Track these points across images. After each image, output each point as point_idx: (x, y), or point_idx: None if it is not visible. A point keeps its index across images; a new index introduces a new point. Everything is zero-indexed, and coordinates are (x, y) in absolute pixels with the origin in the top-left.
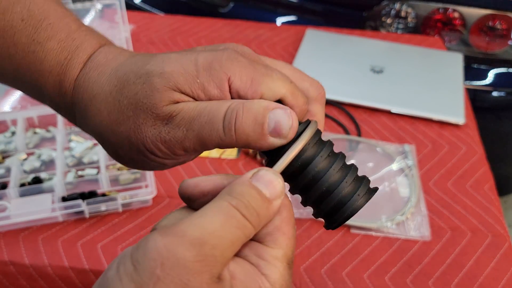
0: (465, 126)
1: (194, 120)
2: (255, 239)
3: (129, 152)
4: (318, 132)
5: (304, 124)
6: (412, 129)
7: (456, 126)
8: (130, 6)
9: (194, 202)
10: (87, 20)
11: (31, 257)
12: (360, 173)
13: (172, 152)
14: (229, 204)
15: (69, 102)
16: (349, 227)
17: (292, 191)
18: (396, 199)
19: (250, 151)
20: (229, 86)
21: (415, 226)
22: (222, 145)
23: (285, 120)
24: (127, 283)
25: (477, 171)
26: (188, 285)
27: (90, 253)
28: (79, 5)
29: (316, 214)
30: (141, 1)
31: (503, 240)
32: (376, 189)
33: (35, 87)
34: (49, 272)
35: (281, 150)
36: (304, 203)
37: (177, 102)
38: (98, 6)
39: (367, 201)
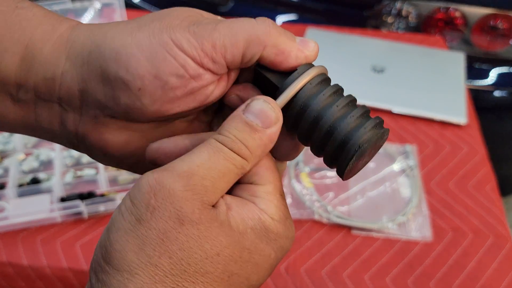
0: (467, 126)
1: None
2: (244, 181)
3: (151, 55)
4: (322, 75)
5: (307, 66)
6: (413, 129)
7: (457, 126)
8: (129, 5)
9: (159, 165)
10: (86, 19)
11: (30, 258)
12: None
13: (201, 46)
14: (215, 140)
15: (63, 42)
16: (350, 228)
17: (300, 138)
18: (397, 199)
19: None
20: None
21: (417, 227)
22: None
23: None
24: (128, 216)
25: (479, 171)
26: (181, 212)
27: (89, 254)
28: (78, 4)
29: (326, 161)
30: (140, 0)
31: (504, 241)
32: (386, 130)
33: (19, 41)
34: (48, 273)
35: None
36: (314, 150)
37: None
38: (97, 5)
39: (376, 134)
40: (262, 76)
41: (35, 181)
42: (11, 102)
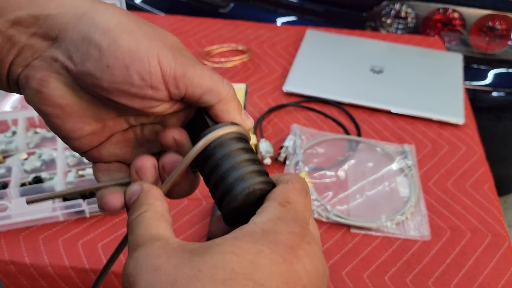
0: (465, 126)
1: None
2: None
3: (129, 45)
4: (240, 133)
5: (231, 124)
6: (412, 129)
7: (455, 126)
8: (130, 6)
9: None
10: None
11: (32, 257)
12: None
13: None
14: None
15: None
16: (349, 227)
17: (204, 179)
18: (396, 199)
19: None
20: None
21: (415, 226)
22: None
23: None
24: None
25: (476, 171)
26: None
27: (91, 252)
28: None
29: (216, 204)
30: (142, 1)
31: (502, 240)
32: (271, 186)
33: None
34: (50, 272)
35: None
36: (210, 193)
37: None
38: None
39: (261, 190)
40: (202, 118)
41: (37, 180)
42: None
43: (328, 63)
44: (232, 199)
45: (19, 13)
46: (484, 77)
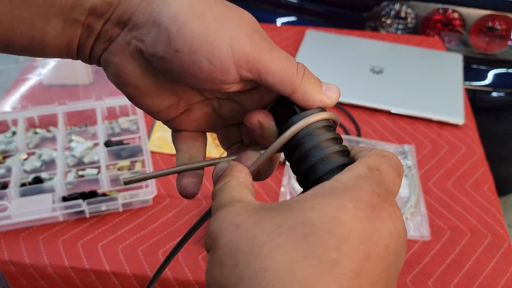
0: (465, 126)
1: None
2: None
3: (200, 32)
4: (327, 121)
5: (319, 110)
6: (411, 129)
7: (455, 126)
8: None
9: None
10: None
11: (32, 257)
12: None
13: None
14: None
15: None
16: None
17: (291, 167)
18: (396, 199)
19: None
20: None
21: (415, 226)
22: None
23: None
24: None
25: (476, 171)
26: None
27: (91, 253)
28: None
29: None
30: None
31: (502, 240)
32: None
33: None
34: (50, 272)
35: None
36: (298, 181)
37: None
38: None
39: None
40: (288, 103)
41: (37, 180)
42: (62, 24)
43: (328, 63)
44: (313, 177)
45: (94, 1)
46: (484, 77)
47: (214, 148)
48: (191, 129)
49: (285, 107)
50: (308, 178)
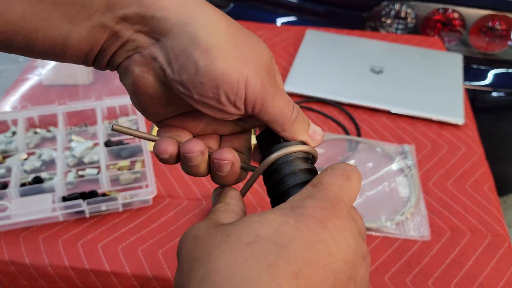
0: (465, 126)
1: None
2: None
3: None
4: (305, 153)
5: (297, 143)
6: (411, 129)
7: (455, 126)
8: None
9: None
10: None
11: (32, 257)
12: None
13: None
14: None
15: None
16: None
17: (267, 191)
18: (396, 199)
19: None
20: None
21: (415, 226)
22: None
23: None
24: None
25: (476, 171)
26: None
27: (91, 252)
28: None
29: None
30: None
31: (502, 240)
32: None
33: None
34: (50, 272)
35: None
36: (271, 203)
37: None
38: None
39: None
40: (273, 134)
41: (37, 180)
42: (88, 29)
43: (328, 63)
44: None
45: (127, 11)
46: (484, 77)
47: None
48: (178, 127)
49: (272, 137)
50: (279, 202)
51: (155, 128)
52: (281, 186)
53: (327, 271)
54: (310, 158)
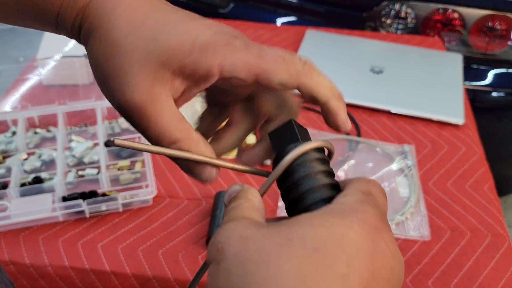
0: (465, 126)
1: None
2: None
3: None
4: (323, 150)
5: (293, 146)
6: (411, 129)
7: (455, 126)
8: None
9: None
10: None
11: (32, 257)
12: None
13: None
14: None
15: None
16: None
17: (281, 194)
18: (396, 199)
19: None
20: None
21: (415, 226)
22: None
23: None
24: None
25: (476, 171)
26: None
27: (91, 252)
28: None
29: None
30: None
31: (502, 240)
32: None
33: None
34: (50, 272)
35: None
36: (286, 209)
37: None
38: None
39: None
40: (292, 129)
41: (37, 180)
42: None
43: (328, 63)
44: (302, 205)
45: None
46: (484, 77)
47: None
48: None
49: (288, 132)
50: (296, 206)
51: None
52: (299, 189)
53: (388, 286)
54: (326, 158)
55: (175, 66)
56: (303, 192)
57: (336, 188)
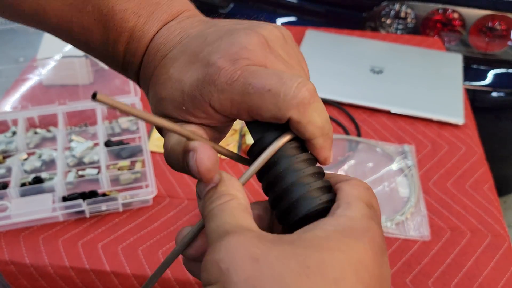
0: (465, 126)
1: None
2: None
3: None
4: (289, 143)
5: (276, 134)
6: (411, 129)
7: (455, 126)
8: None
9: None
10: None
11: (32, 257)
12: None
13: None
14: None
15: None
16: None
17: (263, 188)
18: (396, 199)
19: None
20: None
21: (415, 226)
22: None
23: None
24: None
25: (476, 171)
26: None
27: (91, 252)
28: None
29: (276, 215)
30: None
31: (502, 240)
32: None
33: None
34: (50, 272)
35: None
36: (270, 203)
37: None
38: None
39: (326, 208)
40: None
41: (37, 180)
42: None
43: (328, 63)
44: (296, 214)
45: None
46: (483, 77)
47: None
48: None
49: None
50: (284, 200)
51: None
52: (287, 186)
53: None
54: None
55: (178, 116)
56: (295, 199)
57: (328, 184)
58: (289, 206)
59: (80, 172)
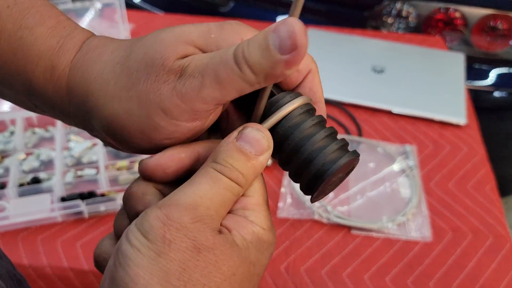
0: (467, 126)
1: (207, 66)
2: None
3: (141, 123)
4: (308, 104)
5: (296, 94)
6: (413, 129)
7: (457, 126)
8: (129, 5)
9: (155, 180)
10: (87, 19)
11: (30, 258)
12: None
13: (192, 108)
14: (214, 170)
15: (63, 89)
16: (350, 228)
17: (279, 163)
18: (397, 199)
19: None
20: None
21: (416, 227)
22: (243, 87)
23: (285, 34)
24: (146, 251)
25: (478, 171)
26: (195, 241)
27: (90, 253)
28: (78, 4)
29: (301, 186)
30: (141, 0)
31: (504, 241)
32: (356, 159)
33: (22, 80)
34: (48, 273)
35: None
36: (291, 175)
37: (187, 56)
38: (98, 5)
39: (347, 166)
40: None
41: (35, 180)
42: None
43: (329, 62)
44: (322, 179)
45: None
46: (486, 77)
47: None
48: None
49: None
50: (307, 169)
51: None
52: (308, 154)
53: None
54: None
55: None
56: (317, 169)
57: (345, 143)
58: (314, 175)
59: (79, 172)
